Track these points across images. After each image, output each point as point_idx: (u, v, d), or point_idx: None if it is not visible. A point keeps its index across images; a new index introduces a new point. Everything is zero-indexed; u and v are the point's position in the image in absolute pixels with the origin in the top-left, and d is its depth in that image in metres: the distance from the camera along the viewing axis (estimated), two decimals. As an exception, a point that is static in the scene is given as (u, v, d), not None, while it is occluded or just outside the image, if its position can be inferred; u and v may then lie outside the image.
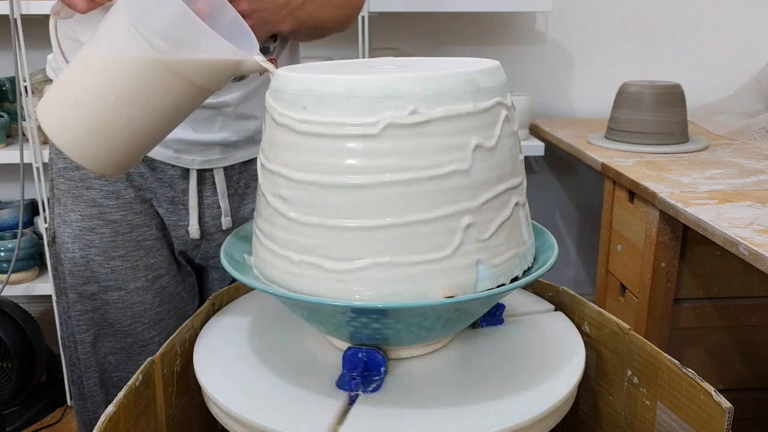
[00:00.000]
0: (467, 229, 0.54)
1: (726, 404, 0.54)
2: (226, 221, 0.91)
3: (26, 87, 1.59)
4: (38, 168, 1.64)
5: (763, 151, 1.51)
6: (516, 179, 0.58)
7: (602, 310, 0.68)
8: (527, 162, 2.08)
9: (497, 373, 0.60)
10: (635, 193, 1.32)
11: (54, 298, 1.65)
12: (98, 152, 0.60)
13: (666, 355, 0.60)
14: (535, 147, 1.75)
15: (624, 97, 1.60)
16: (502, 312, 0.69)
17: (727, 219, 1.03)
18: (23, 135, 1.63)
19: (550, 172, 2.10)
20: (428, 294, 0.54)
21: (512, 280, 0.58)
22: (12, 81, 1.78)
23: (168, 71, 0.57)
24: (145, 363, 0.59)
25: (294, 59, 0.93)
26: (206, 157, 0.87)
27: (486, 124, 0.54)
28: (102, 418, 0.52)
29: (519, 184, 0.59)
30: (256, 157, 0.81)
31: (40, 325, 1.80)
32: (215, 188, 0.90)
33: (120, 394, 0.55)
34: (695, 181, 1.27)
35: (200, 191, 0.89)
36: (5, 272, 1.70)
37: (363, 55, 1.69)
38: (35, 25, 1.60)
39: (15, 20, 1.54)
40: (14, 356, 1.69)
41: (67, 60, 0.83)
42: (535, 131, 1.89)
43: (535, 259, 0.62)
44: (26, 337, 1.72)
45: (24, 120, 1.63)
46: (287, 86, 0.55)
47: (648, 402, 0.63)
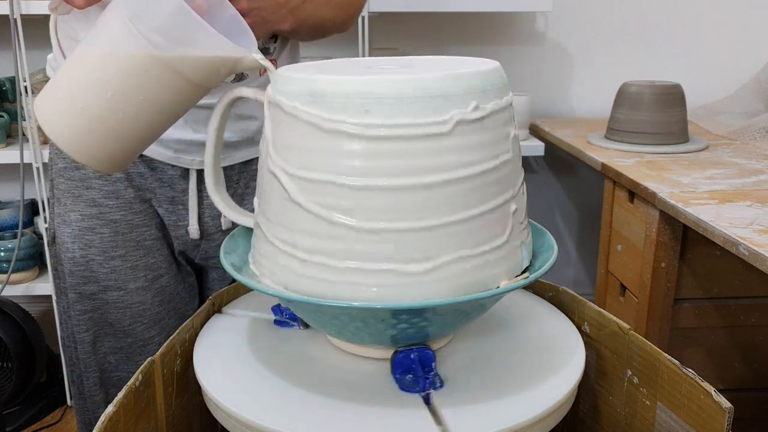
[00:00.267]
0: (514, 214, 0.58)
1: (726, 404, 0.54)
2: (226, 221, 0.91)
3: (26, 87, 1.59)
4: (38, 168, 1.64)
5: (763, 151, 1.51)
6: None
7: (602, 310, 0.68)
8: (527, 162, 2.08)
9: (497, 373, 0.60)
10: (635, 193, 1.32)
11: (54, 298, 1.65)
12: (95, 149, 0.60)
13: (666, 355, 0.60)
14: (535, 147, 1.74)
15: (624, 97, 1.60)
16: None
17: (727, 219, 1.03)
18: (23, 135, 1.63)
19: (550, 172, 2.10)
20: (496, 281, 0.56)
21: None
22: (12, 81, 1.78)
23: (165, 68, 0.57)
24: (145, 363, 0.59)
25: (294, 60, 0.93)
26: (206, 157, 0.87)
27: (513, 115, 0.59)
28: (102, 418, 0.52)
29: None
30: (256, 158, 0.81)
31: (40, 325, 1.80)
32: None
33: (120, 394, 0.55)
34: (695, 181, 1.27)
35: (200, 191, 0.89)
36: (5, 272, 1.70)
37: (363, 55, 1.69)
38: (35, 25, 1.60)
39: (15, 20, 1.54)
40: (14, 356, 1.69)
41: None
42: (535, 131, 1.89)
43: (535, 259, 0.62)
44: (26, 337, 1.72)
45: (24, 120, 1.63)
46: (333, 90, 0.52)
47: (648, 402, 0.63)
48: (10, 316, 1.71)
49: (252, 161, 0.92)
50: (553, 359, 0.62)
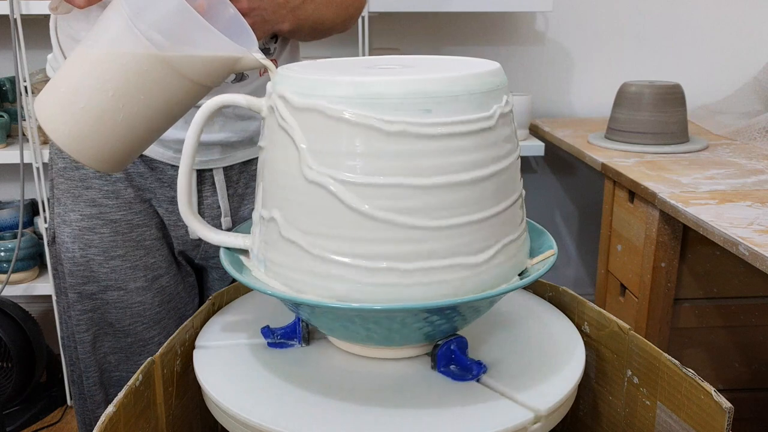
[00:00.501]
0: (521, 204, 0.61)
1: (726, 404, 0.54)
2: (226, 221, 0.91)
3: (26, 87, 1.59)
4: (38, 168, 1.64)
5: (763, 151, 1.51)
6: None
7: (602, 310, 0.68)
8: (527, 162, 2.08)
9: (497, 374, 0.60)
10: (635, 193, 1.32)
11: (54, 298, 1.65)
12: (95, 148, 0.60)
13: (666, 355, 0.60)
14: (535, 147, 1.74)
15: (624, 97, 1.60)
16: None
17: (727, 219, 1.03)
18: (23, 135, 1.63)
19: (550, 172, 2.10)
20: (524, 266, 0.61)
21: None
22: (12, 81, 1.78)
23: (166, 67, 0.57)
24: (145, 363, 0.59)
25: (294, 60, 0.93)
26: (206, 158, 0.87)
27: None
28: (102, 418, 0.52)
29: None
30: (257, 158, 0.81)
31: (40, 325, 1.80)
32: (215, 188, 0.90)
33: (120, 394, 0.55)
34: (695, 181, 1.27)
35: (200, 191, 0.89)
36: (5, 272, 1.70)
37: (363, 56, 1.69)
38: (35, 25, 1.60)
39: (15, 20, 1.54)
40: (14, 356, 1.69)
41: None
42: (535, 131, 1.89)
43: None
44: (26, 337, 1.72)
45: (24, 120, 1.63)
46: (391, 91, 0.51)
47: (648, 402, 0.63)
48: (10, 316, 1.71)
49: (252, 161, 0.92)
50: (553, 359, 0.62)
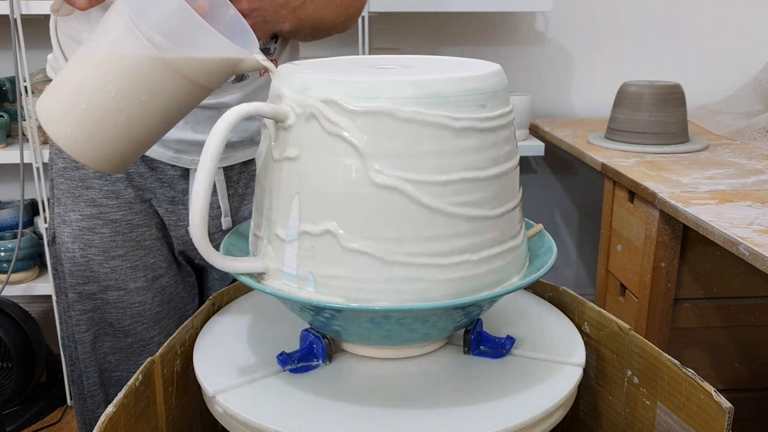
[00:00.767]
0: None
1: (726, 404, 0.54)
2: (226, 221, 0.91)
3: (26, 87, 1.59)
4: (38, 168, 1.64)
5: (763, 151, 1.51)
6: None
7: (602, 310, 0.68)
8: (527, 162, 2.08)
9: (496, 374, 0.60)
10: (635, 193, 1.32)
11: (54, 298, 1.65)
12: (96, 149, 0.60)
13: (666, 355, 0.60)
14: (535, 147, 1.74)
15: (624, 97, 1.60)
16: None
17: (727, 219, 1.03)
18: (23, 135, 1.63)
19: (550, 172, 2.10)
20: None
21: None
22: (12, 81, 1.78)
23: (168, 69, 0.57)
24: (145, 363, 0.59)
25: (294, 60, 0.93)
26: (206, 157, 0.87)
27: None
28: (102, 418, 0.52)
29: None
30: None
31: (40, 325, 1.80)
32: (215, 188, 0.90)
33: (120, 394, 0.55)
34: (695, 181, 1.27)
35: (200, 191, 0.89)
36: (5, 272, 1.70)
37: (363, 55, 1.69)
38: (35, 25, 1.60)
39: (15, 20, 1.54)
40: (14, 356, 1.69)
41: (68, 59, 0.83)
42: (535, 131, 1.89)
43: (535, 260, 0.63)
44: (26, 337, 1.72)
45: (24, 120, 1.63)
46: (457, 89, 0.53)
47: (648, 402, 0.63)
48: (10, 316, 1.71)
49: (252, 161, 0.92)
50: (553, 359, 0.62)
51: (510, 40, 1.99)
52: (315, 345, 0.61)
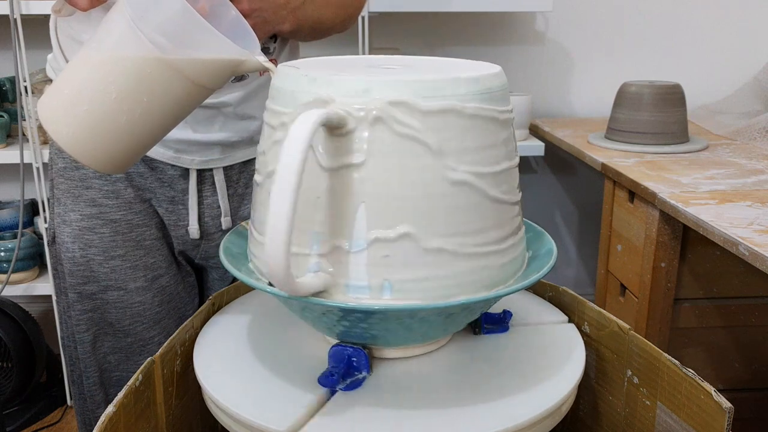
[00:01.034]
0: None
1: (726, 404, 0.54)
2: (226, 221, 0.91)
3: (26, 87, 1.59)
4: (38, 168, 1.64)
5: (763, 151, 1.51)
6: None
7: (602, 310, 0.68)
8: (527, 162, 2.08)
9: (496, 374, 0.60)
10: (635, 193, 1.32)
11: (54, 298, 1.65)
12: (98, 150, 0.60)
13: (666, 355, 0.60)
14: (535, 147, 1.74)
15: (624, 97, 1.60)
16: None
17: (727, 219, 1.03)
18: (23, 135, 1.63)
19: (550, 172, 2.10)
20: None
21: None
22: (12, 81, 1.78)
23: (170, 70, 0.57)
24: (145, 363, 0.59)
25: (294, 59, 0.93)
26: (206, 157, 0.87)
27: None
28: (102, 418, 0.52)
29: None
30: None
31: (40, 325, 1.80)
32: (215, 188, 0.90)
33: (120, 394, 0.55)
34: (695, 181, 1.27)
35: (200, 191, 0.89)
36: (5, 272, 1.70)
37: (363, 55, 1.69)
38: (35, 25, 1.60)
39: (15, 20, 1.54)
40: (14, 356, 1.69)
41: (68, 59, 0.84)
42: (535, 131, 1.89)
43: (534, 261, 0.62)
44: (26, 337, 1.72)
45: (24, 120, 1.63)
46: (499, 83, 0.56)
47: (648, 402, 0.63)
48: (10, 316, 1.71)
49: (251, 161, 0.92)
50: (553, 359, 0.62)
51: (510, 40, 1.99)
52: (355, 357, 0.59)
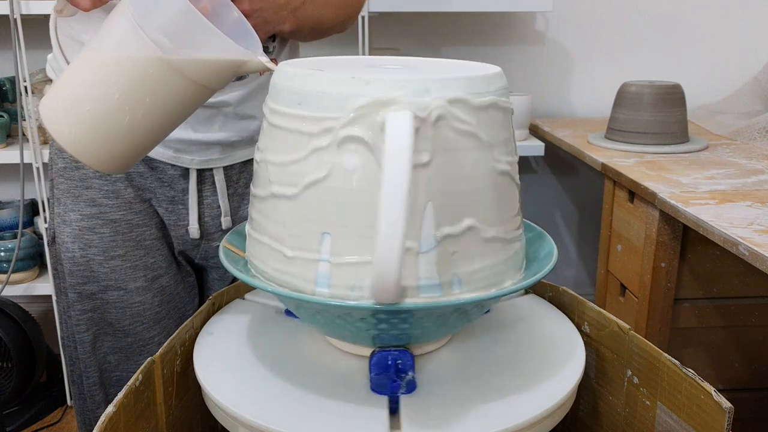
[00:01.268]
0: None
1: (726, 404, 0.54)
2: (226, 221, 0.91)
3: (26, 87, 1.59)
4: (38, 168, 1.64)
5: (763, 151, 1.51)
6: None
7: (602, 310, 0.68)
8: (527, 162, 2.08)
9: (497, 374, 0.60)
10: (635, 193, 1.32)
11: (54, 298, 1.65)
12: (100, 150, 0.60)
13: (666, 355, 0.60)
14: (535, 147, 1.74)
15: (624, 97, 1.60)
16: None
17: (727, 219, 1.03)
18: (23, 135, 1.63)
19: (550, 172, 2.10)
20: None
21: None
22: (12, 81, 1.78)
23: (172, 70, 0.57)
24: (145, 363, 0.59)
25: (294, 59, 0.93)
26: (206, 157, 0.87)
27: None
28: (102, 418, 0.52)
29: None
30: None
31: (40, 325, 1.80)
32: (215, 188, 0.90)
33: (120, 394, 0.55)
34: (695, 181, 1.27)
35: (200, 191, 0.89)
36: (5, 272, 1.70)
37: (363, 56, 1.69)
38: (35, 25, 1.60)
39: (15, 20, 1.54)
40: (14, 356, 1.69)
41: (68, 60, 0.83)
42: (535, 131, 1.89)
43: (534, 262, 0.62)
44: (26, 337, 1.72)
45: (24, 120, 1.63)
46: (505, 81, 0.59)
47: (648, 402, 0.63)
48: (10, 316, 1.72)
49: (252, 161, 0.92)
50: (553, 359, 0.62)
51: (510, 40, 1.99)
52: (399, 360, 0.58)
